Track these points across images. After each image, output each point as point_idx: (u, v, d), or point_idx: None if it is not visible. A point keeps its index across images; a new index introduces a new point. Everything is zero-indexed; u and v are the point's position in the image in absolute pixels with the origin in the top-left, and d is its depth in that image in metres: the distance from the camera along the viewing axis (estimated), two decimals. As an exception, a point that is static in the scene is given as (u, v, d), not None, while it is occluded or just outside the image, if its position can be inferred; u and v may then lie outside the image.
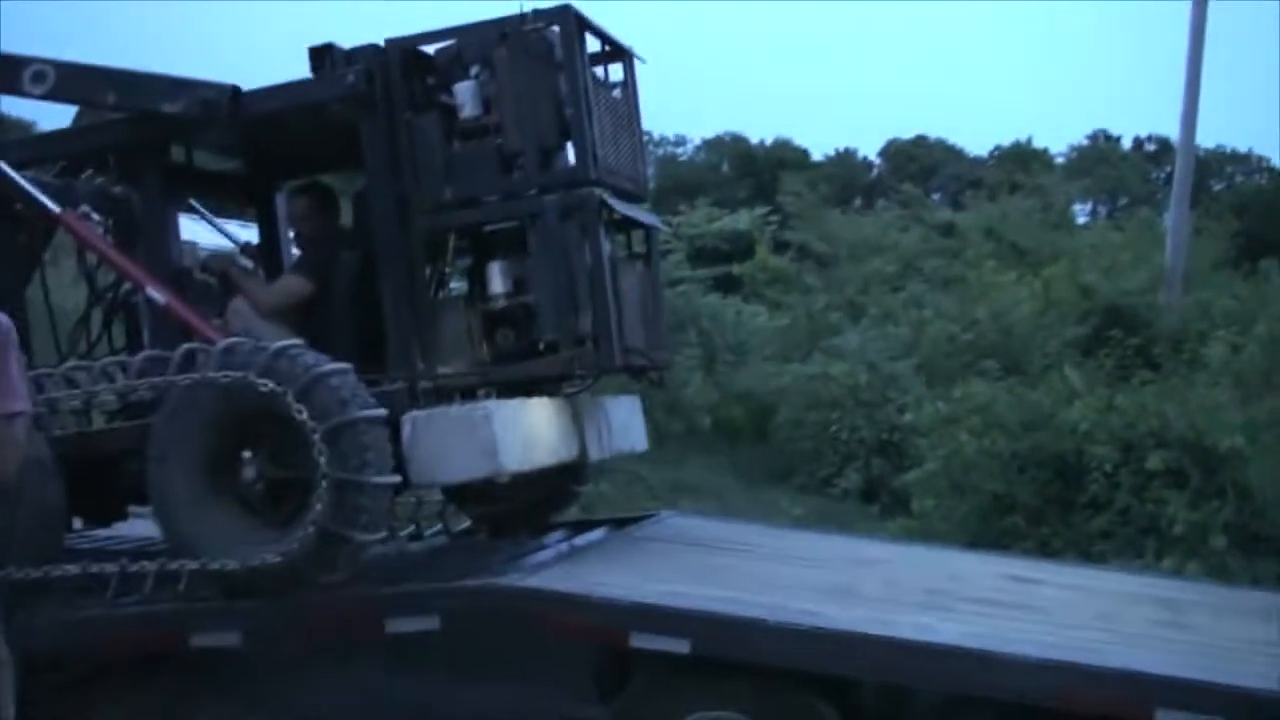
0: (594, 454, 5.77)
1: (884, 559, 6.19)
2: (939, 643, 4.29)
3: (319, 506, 4.66)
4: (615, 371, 5.47)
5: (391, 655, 5.26)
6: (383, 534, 5.02)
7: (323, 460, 4.66)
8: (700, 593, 4.80)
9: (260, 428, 4.93)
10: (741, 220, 24.25)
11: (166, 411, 4.96)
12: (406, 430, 4.98)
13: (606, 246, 5.32)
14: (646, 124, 5.95)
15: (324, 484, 4.66)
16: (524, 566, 5.29)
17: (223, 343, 5.02)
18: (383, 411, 4.86)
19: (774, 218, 24.62)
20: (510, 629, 4.88)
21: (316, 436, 4.66)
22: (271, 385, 4.76)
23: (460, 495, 6.46)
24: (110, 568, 5.05)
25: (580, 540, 6.16)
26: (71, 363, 5.64)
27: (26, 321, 5.77)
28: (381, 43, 5.34)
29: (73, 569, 5.05)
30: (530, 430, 5.20)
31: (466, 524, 6.71)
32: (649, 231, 5.90)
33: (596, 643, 4.81)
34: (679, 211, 24.14)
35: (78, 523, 5.93)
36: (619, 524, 6.64)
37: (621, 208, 5.48)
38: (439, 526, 6.57)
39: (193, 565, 4.84)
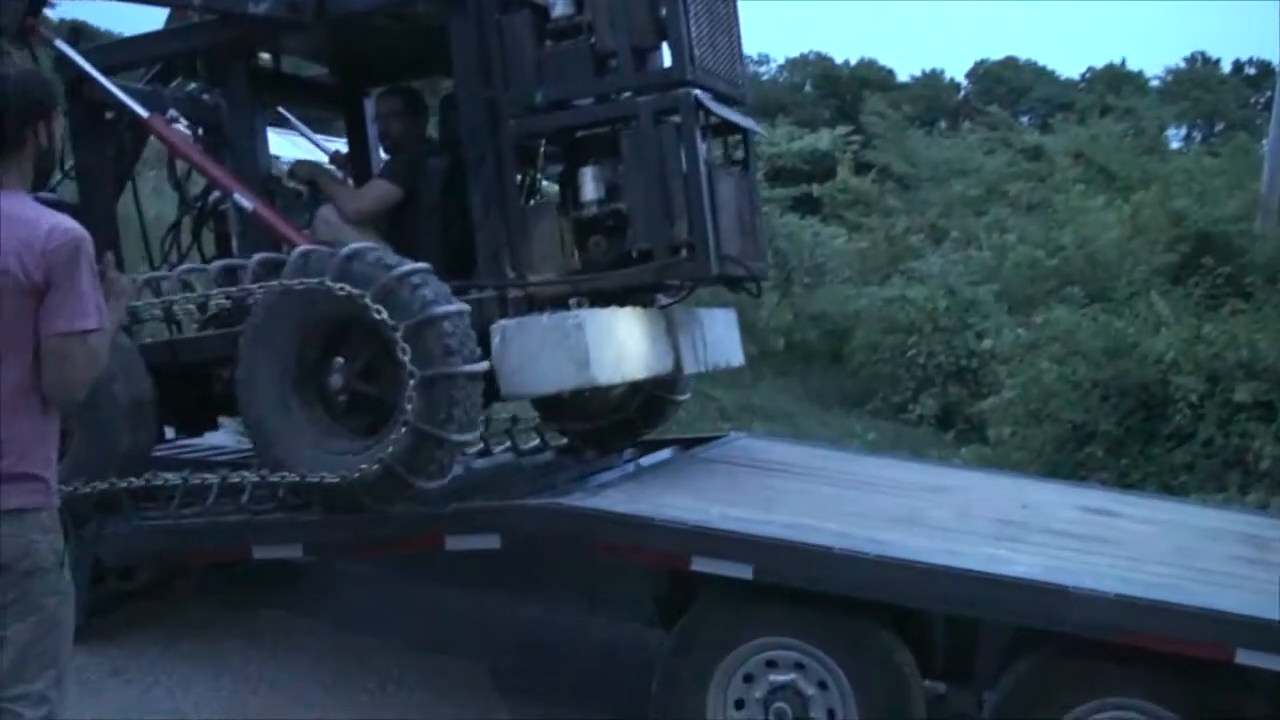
0: (689, 367, 5.62)
1: (956, 486, 6.01)
2: (1009, 575, 4.12)
3: (409, 406, 4.56)
4: (712, 281, 5.29)
5: (451, 570, 5.20)
6: (477, 433, 4.89)
7: (407, 358, 4.55)
8: (765, 518, 4.68)
9: (344, 334, 4.85)
10: (822, 140, 23.66)
11: (251, 322, 4.88)
12: (496, 340, 4.87)
13: (703, 150, 5.12)
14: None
15: (412, 382, 4.56)
16: (589, 486, 5.20)
17: (299, 248, 4.93)
18: (465, 306, 4.76)
19: (855, 138, 24.07)
20: (571, 549, 4.81)
21: (399, 335, 4.56)
22: (349, 288, 4.66)
23: (553, 410, 6.36)
24: (210, 478, 4.99)
25: (647, 461, 6.07)
26: (149, 272, 5.60)
27: (116, 232, 5.72)
28: (472, -59, 5.15)
29: (174, 479, 5.00)
30: (623, 341, 5.05)
31: (561, 441, 6.63)
32: (747, 136, 5.68)
33: (657, 565, 4.71)
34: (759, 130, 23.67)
35: (169, 433, 5.94)
36: (687, 445, 6.54)
37: (719, 110, 5.27)
38: (508, 444, 6.48)
39: (291, 478, 4.76)
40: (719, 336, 6.00)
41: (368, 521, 4.83)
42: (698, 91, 5.04)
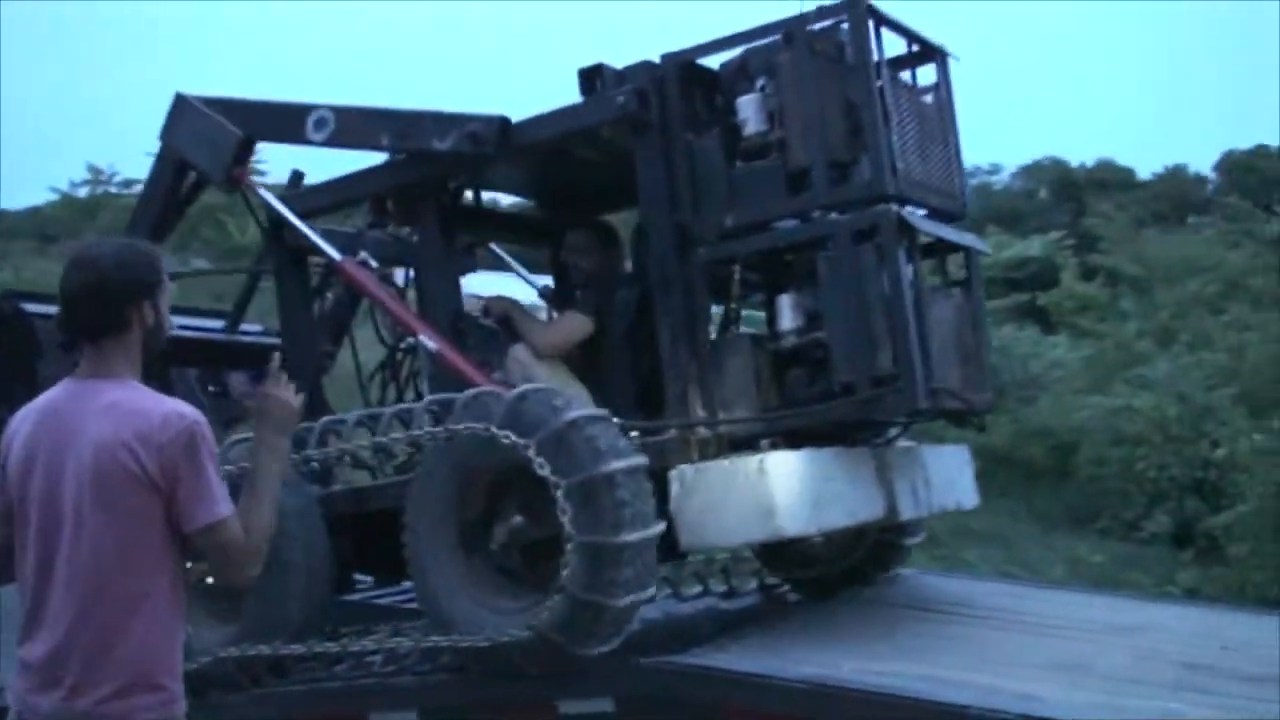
0: (906, 511, 5.00)
1: (1145, 624, 5.28)
2: None
3: (566, 572, 4.16)
4: (922, 417, 4.71)
5: None
6: (650, 593, 4.45)
7: (567, 520, 4.16)
8: (907, 670, 4.23)
9: (512, 483, 4.50)
10: (1034, 246, 22.54)
11: (420, 469, 4.63)
12: (675, 487, 4.44)
13: (908, 272, 4.58)
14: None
15: (570, 546, 4.16)
16: (723, 638, 4.75)
17: (470, 391, 4.64)
18: (641, 460, 4.33)
19: (1069, 241, 22.66)
20: (692, 711, 4.33)
21: (559, 494, 4.17)
22: (512, 436, 4.32)
23: (770, 555, 5.87)
24: (368, 644, 4.73)
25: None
26: (358, 411, 5.47)
27: (318, 376, 5.65)
28: (656, 59, 4.88)
29: (333, 646, 4.77)
30: (820, 486, 4.50)
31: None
32: (969, 254, 5.10)
33: None
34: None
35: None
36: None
37: (929, 227, 4.75)
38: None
39: (444, 642, 4.44)
40: (947, 476, 5.37)
41: (481, 686, 4.51)
42: (899, 208, 4.54)
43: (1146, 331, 18.11)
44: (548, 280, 6.37)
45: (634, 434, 4.60)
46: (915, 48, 5.03)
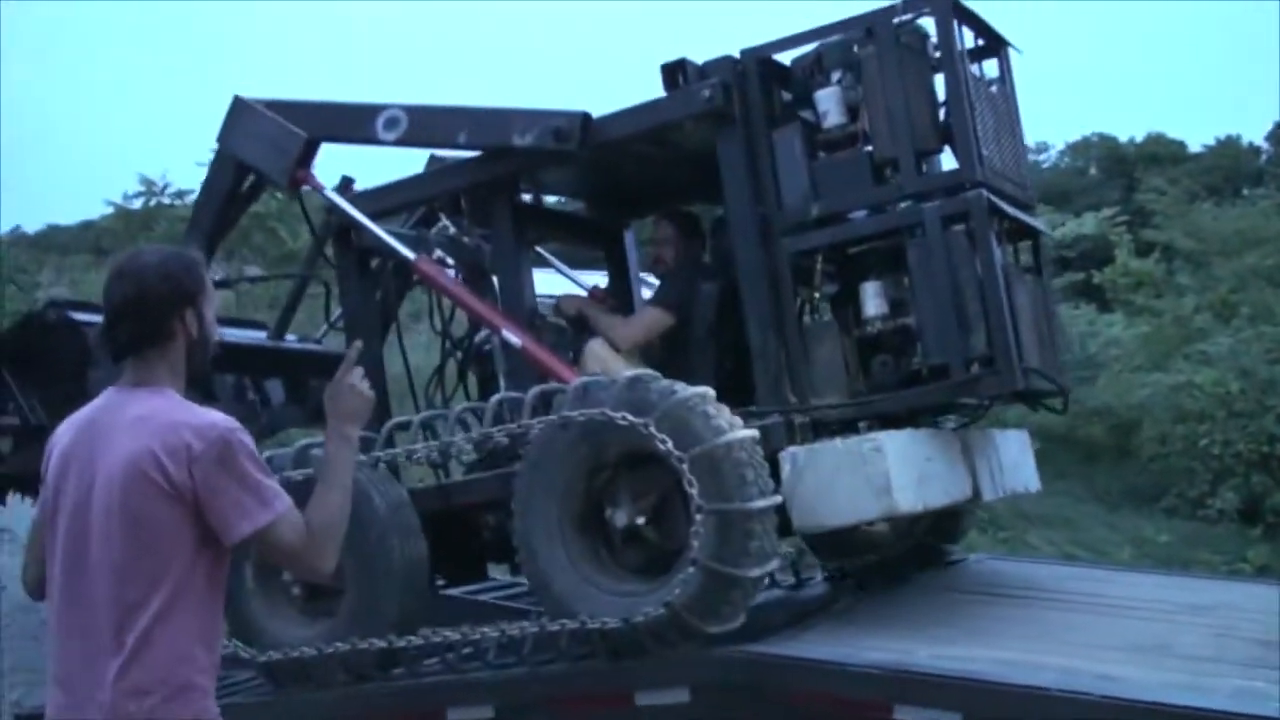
0: (987, 493, 5.12)
1: (1221, 604, 5.32)
2: (1255, 714, 3.53)
3: (697, 543, 4.22)
4: (1016, 398, 4.84)
5: None
6: (775, 565, 4.52)
7: (695, 491, 4.23)
8: (982, 654, 4.22)
9: (628, 467, 4.56)
10: (1086, 224, 22.13)
11: (527, 459, 4.66)
12: (786, 468, 4.51)
13: (998, 255, 4.72)
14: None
15: (699, 516, 4.22)
16: (796, 627, 4.79)
17: (578, 380, 4.71)
18: (755, 432, 4.43)
19: (1122, 218, 22.65)
20: (768, 700, 4.34)
21: (685, 466, 4.24)
22: (630, 417, 4.39)
23: (826, 544, 5.94)
24: (489, 631, 4.74)
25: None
26: (427, 412, 5.48)
27: (385, 381, 5.64)
28: (736, 54, 4.98)
29: (452, 634, 4.76)
30: (925, 466, 4.62)
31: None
32: (1037, 239, 5.26)
33: (857, 716, 4.20)
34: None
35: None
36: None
37: (1011, 212, 4.88)
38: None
39: (572, 625, 4.46)
40: (1014, 460, 5.50)
41: (559, 679, 4.55)
42: (988, 193, 4.68)
43: (1205, 306, 17.97)
44: (595, 279, 6.43)
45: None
46: (981, 41, 5.18)
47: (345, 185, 6.09)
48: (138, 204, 19.93)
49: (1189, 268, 20.14)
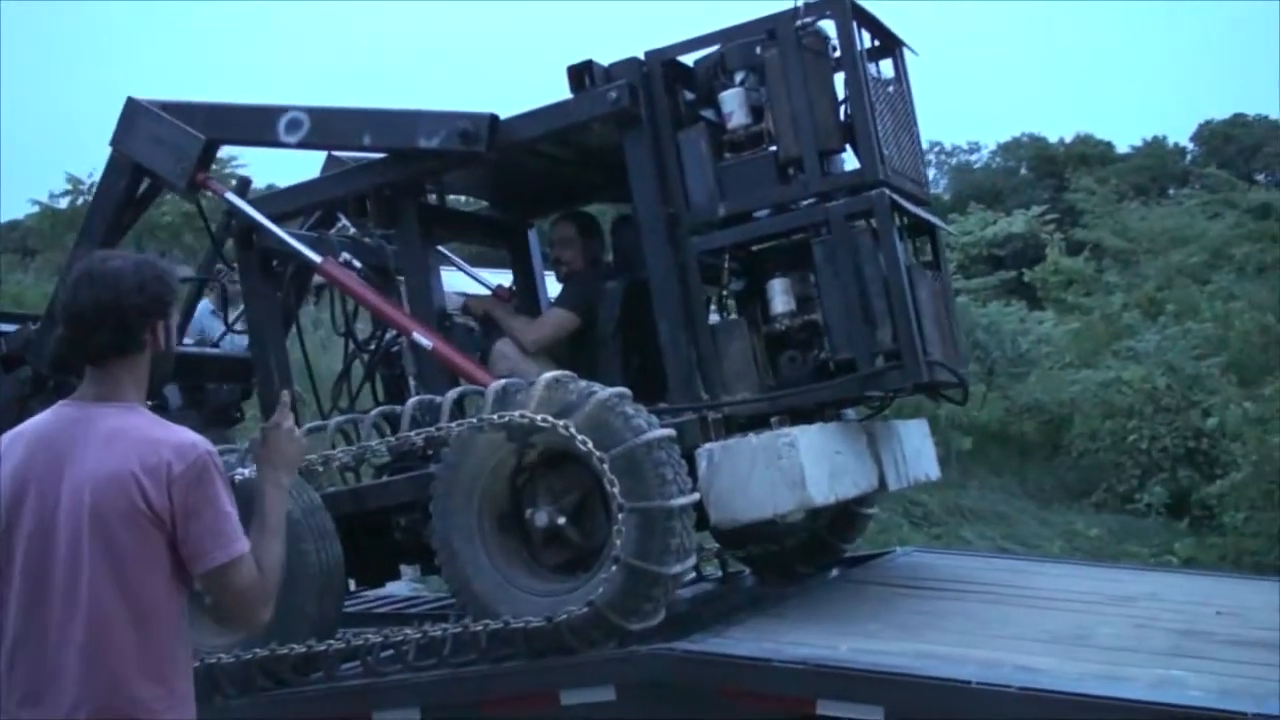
0: (892, 483, 5.27)
1: (1142, 594, 5.46)
2: (1173, 701, 3.63)
3: (619, 541, 4.28)
4: (919, 390, 4.98)
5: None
6: (692, 563, 4.59)
7: (616, 490, 4.29)
8: (905, 648, 4.32)
9: (548, 467, 4.60)
10: (1016, 223, 22.59)
11: (446, 461, 4.67)
12: (703, 464, 4.59)
13: (901, 251, 4.86)
14: (933, 133, 5.50)
15: (621, 515, 4.28)
16: (721, 623, 4.84)
17: (497, 383, 4.73)
18: (673, 431, 4.51)
19: (1050, 216, 23.05)
20: (693, 696, 4.42)
21: (605, 466, 4.30)
22: (551, 419, 4.43)
23: (732, 536, 6.05)
24: (410, 633, 4.73)
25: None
26: (339, 417, 5.45)
27: (291, 385, 5.58)
28: (641, 55, 5.03)
29: (373, 636, 4.75)
30: (835, 459, 4.74)
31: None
32: (935, 235, 5.41)
33: (781, 712, 4.27)
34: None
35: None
36: (850, 563, 6.17)
37: (912, 209, 5.03)
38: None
39: (494, 625, 4.49)
40: (916, 449, 5.67)
41: (482, 679, 4.56)
42: (890, 191, 4.81)
43: (1133, 304, 18.32)
44: (500, 278, 6.44)
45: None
46: (877, 42, 5.31)
47: (243, 188, 6.02)
48: (64, 203, 19.28)
49: (1117, 266, 20.73)
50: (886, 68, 5.36)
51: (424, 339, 5.14)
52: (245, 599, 2.65)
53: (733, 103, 4.98)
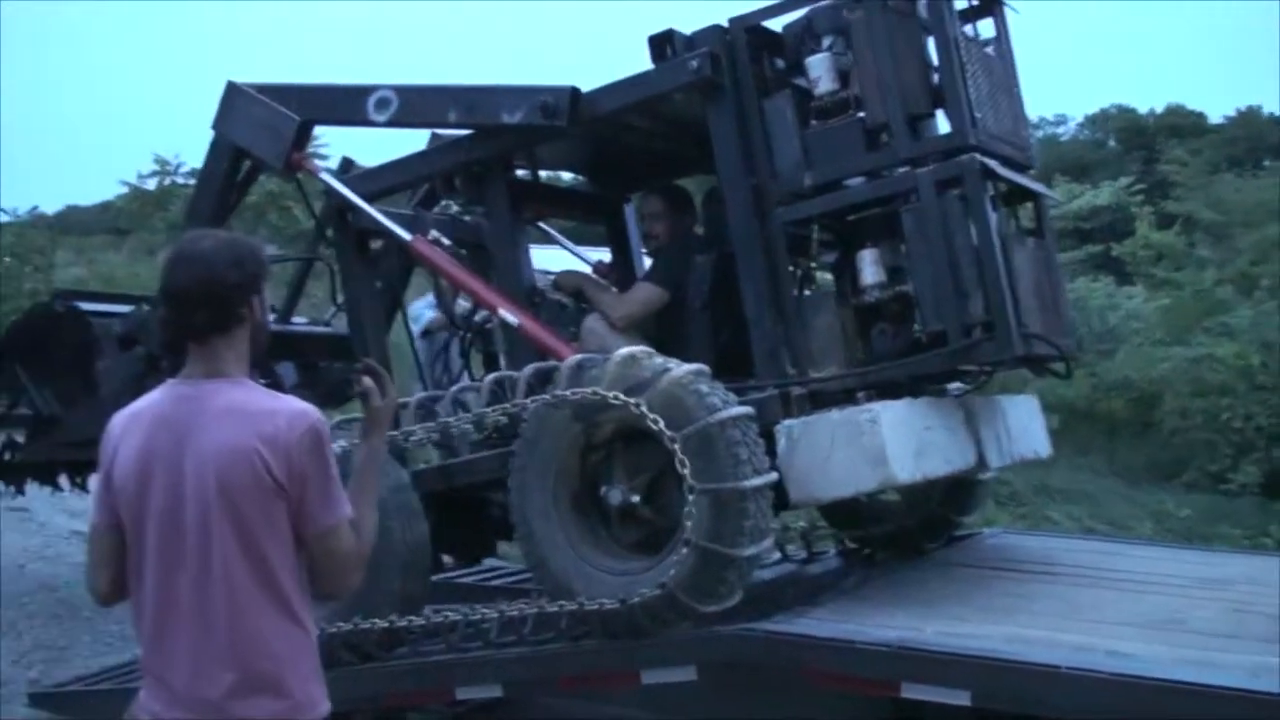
0: (993, 460, 5.06)
1: (1237, 578, 5.15)
2: (1270, 691, 3.43)
3: (690, 523, 4.19)
4: (1016, 363, 4.77)
5: (650, 699, 4.76)
6: (769, 544, 4.48)
7: (687, 471, 4.20)
8: (993, 631, 4.17)
9: (622, 444, 4.54)
10: (1102, 195, 21.88)
11: (523, 437, 4.64)
12: (782, 441, 4.47)
13: (994, 219, 4.64)
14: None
15: (692, 496, 4.19)
16: (807, 604, 4.72)
17: (571, 358, 4.68)
18: (750, 409, 4.39)
19: (1138, 188, 22.15)
20: (774, 677, 4.33)
21: (676, 445, 4.21)
22: (622, 396, 4.36)
23: (839, 515, 5.92)
24: (488, 612, 4.74)
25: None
26: (422, 393, 5.48)
27: (389, 362, 5.64)
28: (724, 23, 4.91)
29: (454, 615, 4.77)
30: (923, 435, 4.56)
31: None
32: (1039, 202, 5.16)
33: (865, 693, 4.15)
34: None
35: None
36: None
37: (1007, 174, 4.80)
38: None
39: (570, 606, 4.45)
40: (1023, 426, 5.42)
41: (566, 658, 4.53)
42: (983, 157, 4.59)
43: (1226, 279, 17.74)
44: (600, 254, 6.40)
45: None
46: (974, 1, 5.08)
47: (345, 166, 6.09)
48: (152, 184, 20.00)
49: (1210, 240, 19.82)
50: (986, 28, 5.13)
51: (510, 315, 5.13)
52: (345, 563, 2.74)
53: (820, 68, 4.83)
